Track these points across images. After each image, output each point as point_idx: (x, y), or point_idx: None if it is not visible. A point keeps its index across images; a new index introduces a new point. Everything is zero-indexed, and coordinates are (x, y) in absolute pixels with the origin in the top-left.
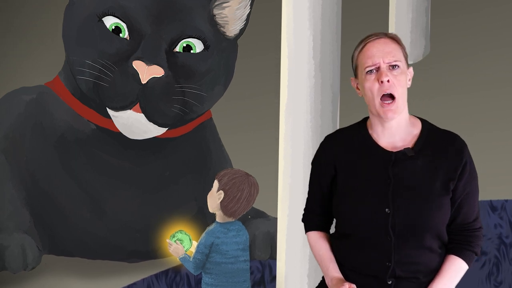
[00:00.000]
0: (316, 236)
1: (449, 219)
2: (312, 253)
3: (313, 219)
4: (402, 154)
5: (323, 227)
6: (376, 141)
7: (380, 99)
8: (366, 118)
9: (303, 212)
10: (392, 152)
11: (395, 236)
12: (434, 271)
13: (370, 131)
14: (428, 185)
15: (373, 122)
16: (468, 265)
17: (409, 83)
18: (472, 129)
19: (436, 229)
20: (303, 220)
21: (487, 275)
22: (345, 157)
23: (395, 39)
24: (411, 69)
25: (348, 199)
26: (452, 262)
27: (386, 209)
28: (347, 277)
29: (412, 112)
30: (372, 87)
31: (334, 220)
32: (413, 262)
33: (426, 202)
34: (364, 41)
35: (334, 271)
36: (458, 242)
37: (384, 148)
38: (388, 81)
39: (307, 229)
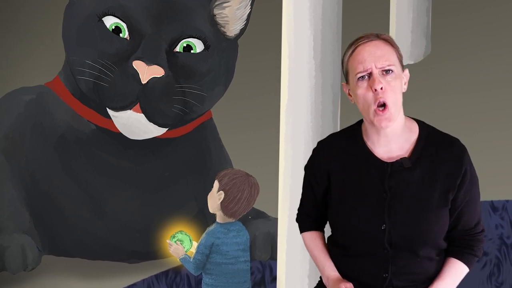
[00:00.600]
0: (311, 237)
1: (449, 226)
2: (308, 252)
3: (307, 220)
4: (399, 165)
5: (317, 228)
6: (372, 149)
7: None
8: (361, 121)
9: (297, 212)
10: (388, 163)
11: (392, 249)
12: (432, 278)
13: (365, 138)
14: (426, 197)
15: (368, 129)
16: (469, 268)
17: (405, 87)
18: (473, 129)
19: (434, 241)
20: (297, 220)
21: (488, 275)
22: (339, 167)
23: (388, 40)
24: (406, 71)
25: (343, 213)
26: (453, 266)
27: (382, 226)
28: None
29: (412, 113)
30: (365, 95)
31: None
32: (411, 272)
33: (424, 215)
34: (354, 44)
35: (330, 270)
36: (459, 246)
37: (380, 158)
38: (381, 88)
39: (302, 230)
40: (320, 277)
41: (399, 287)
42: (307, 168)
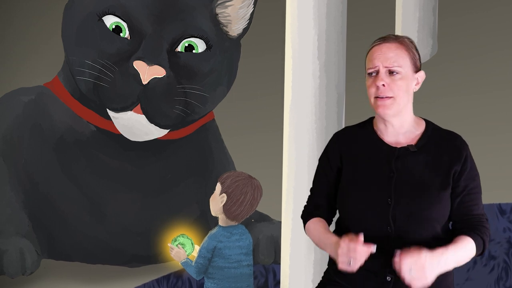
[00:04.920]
0: (315, 221)
1: (453, 215)
2: (312, 239)
3: (314, 212)
4: (405, 150)
5: (322, 217)
6: (381, 137)
7: (375, 98)
8: (373, 118)
9: (302, 209)
10: (395, 147)
11: (395, 227)
12: None
13: (375, 128)
14: (429, 179)
15: (378, 121)
16: (476, 251)
17: (417, 87)
18: (480, 131)
19: (433, 221)
20: (302, 216)
21: (496, 279)
22: (351, 151)
23: (403, 43)
24: (421, 73)
25: (352, 191)
26: (462, 239)
27: (388, 199)
28: (349, 274)
29: (418, 113)
30: (369, 89)
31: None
32: None
33: (426, 194)
34: (372, 44)
35: (334, 238)
36: (466, 227)
37: (389, 144)
38: (383, 85)
39: (305, 221)
40: (322, 277)
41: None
42: (321, 157)
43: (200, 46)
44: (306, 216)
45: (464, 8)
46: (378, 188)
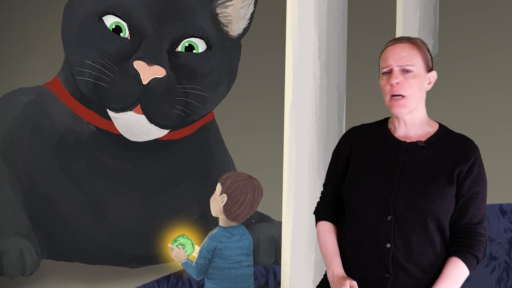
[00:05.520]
0: (326, 229)
1: (453, 217)
2: (319, 244)
3: (326, 208)
4: (414, 144)
5: (334, 218)
6: (393, 133)
7: (391, 97)
8: (388, 118)
9: (316, 205)
10: (404, 141)
11: (395, 217)
12: (431, 268)
13: (389, 125)
14: (432, 173)
15: (393, 119)
16: (469, 270)
17: (429, 86)
18: (481, 131)
19: (435, 215)
20: (315, 212)
21: (497, 280)
22: (362, 143)
23: (416, 44)
24: (434, 73)
25: (356, 178)
26: (454, 265)
27: (390, 189)
28: (348, 272)
29: None
30: (384, 87)
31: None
32: (411, 248)
33: (428, 188)
34: (387, 44)
35: (337, 266)
36: (461, 245)
37: (398, 138)
38: (397, 83)
39: (318, 218)
40: (322, 277)
41: (401, 267)
42: (334, 150)
43: (200, 46)
44: (318, 214)
45: (464, 8)
46: (381, 177)
